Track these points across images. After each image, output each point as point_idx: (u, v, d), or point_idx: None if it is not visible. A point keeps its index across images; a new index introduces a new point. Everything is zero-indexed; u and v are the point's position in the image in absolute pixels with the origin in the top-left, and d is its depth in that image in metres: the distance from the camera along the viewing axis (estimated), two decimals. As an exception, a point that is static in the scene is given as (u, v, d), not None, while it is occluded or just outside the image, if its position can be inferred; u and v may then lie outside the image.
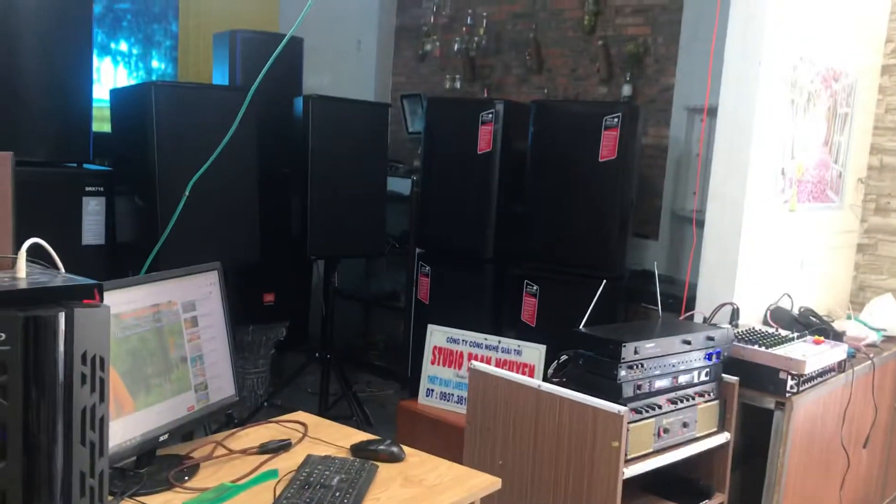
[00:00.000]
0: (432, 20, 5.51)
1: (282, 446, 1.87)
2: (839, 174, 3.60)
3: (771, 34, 2.87)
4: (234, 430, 1.97)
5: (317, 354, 4.14)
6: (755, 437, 2.66)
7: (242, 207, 3.44)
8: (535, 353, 3.13)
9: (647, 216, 4.53)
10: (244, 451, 1.84)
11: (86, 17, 3.29)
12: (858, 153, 3.80)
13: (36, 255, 1.19)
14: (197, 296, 1.84)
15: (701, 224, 3.08)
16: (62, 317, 1.07)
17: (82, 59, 3.27)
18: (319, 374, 4.17)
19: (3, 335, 1.02)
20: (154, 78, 5.46)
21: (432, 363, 3.32)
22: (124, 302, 1.63)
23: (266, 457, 1.82)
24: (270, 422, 2.05)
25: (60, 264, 1.17)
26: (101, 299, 1.15)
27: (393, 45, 6.01)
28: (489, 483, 1.79)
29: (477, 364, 2.44)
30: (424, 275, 4.40)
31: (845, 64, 3.41)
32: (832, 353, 2.67)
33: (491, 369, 2.43)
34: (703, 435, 2.38)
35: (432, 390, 3.30)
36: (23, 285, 1.09)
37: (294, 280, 4.62)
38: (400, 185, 4.96)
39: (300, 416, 2.10)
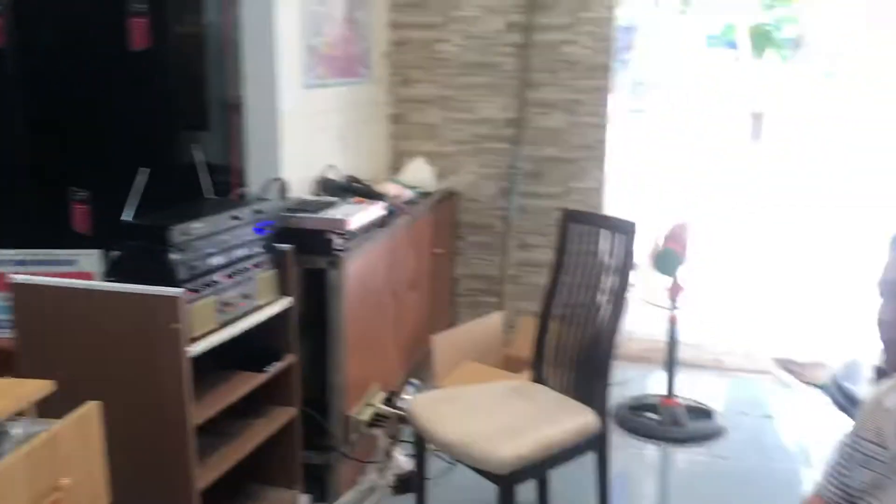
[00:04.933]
0: None
1: None
2: (365, 49, 3.90)
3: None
4: None
5: None
6: (321, 299, 2.87)
7: None
8: (90, 259, 2.96)
9: (196, 107, 4.45)
10: None
11: None
12: (380, 29, 4.14)
13: None
14: None
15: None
16: None
17: None
18: None
19: None
20: None
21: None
22: None
23: None
24: None
25: None
26: None
27: None
28: (40, 387, 1.70)
29: (19, 277, 2.26)
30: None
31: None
32: (372, 210, 2.96)
33: (37, 279, 2.27)
34: (266, 303, 2.52)
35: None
36: None
37: None
38: None
39: None
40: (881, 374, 1.83)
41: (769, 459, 3.34)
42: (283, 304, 2.59)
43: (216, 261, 2.32)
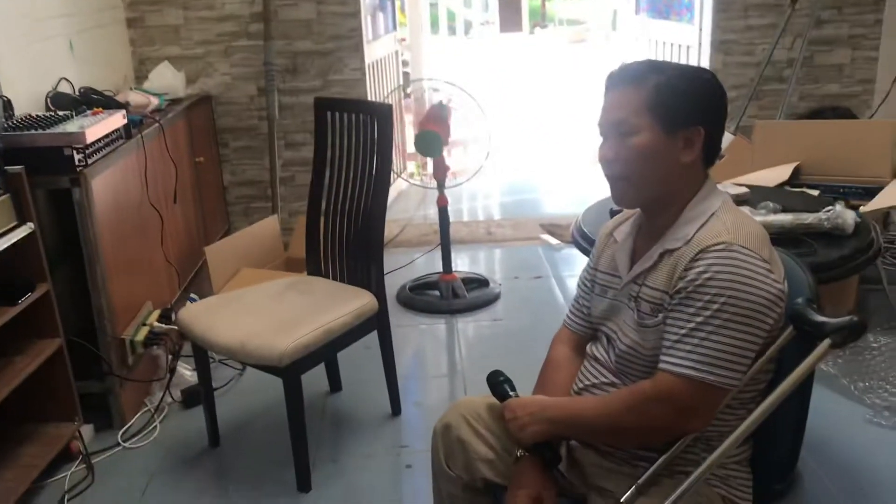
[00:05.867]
0: None
1: None
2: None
3: None
4: None
5: None
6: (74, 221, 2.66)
7: None
8: None
9: None
10: None
11: None
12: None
13: None
14: None
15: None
16: None
17: None
18: None
19: None
20: None
21: None
22: None
23: None
24: None
25: None
26: None
27: None
28: None
29: None
30: None
31: None
32: (111, 120, 2.76)
33: None
34: (3, 232, 2.31)
35: None
36: None
37: None
38: None
39: None
40: (613, 213, 2.01)
41: (539, 314, 3.61)
42: (25, 230, 2.38)
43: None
